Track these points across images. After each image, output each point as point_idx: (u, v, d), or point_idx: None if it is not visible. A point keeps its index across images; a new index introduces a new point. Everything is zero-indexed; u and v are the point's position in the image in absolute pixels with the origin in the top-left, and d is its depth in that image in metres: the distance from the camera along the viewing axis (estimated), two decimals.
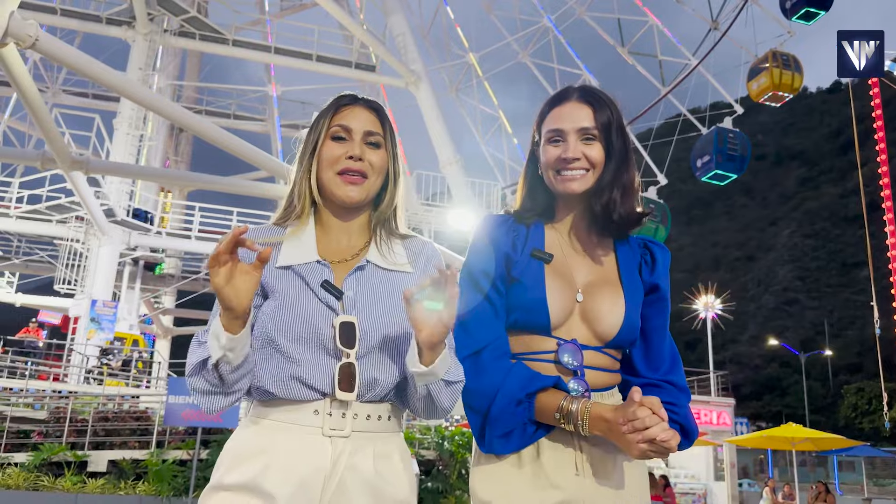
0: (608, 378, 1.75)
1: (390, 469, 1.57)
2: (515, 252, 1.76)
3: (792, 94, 21.86)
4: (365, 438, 1.56)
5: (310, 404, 1.54)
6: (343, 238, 1.70)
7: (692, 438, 1.75)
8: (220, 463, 1.56)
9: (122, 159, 21.19)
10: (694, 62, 24.62)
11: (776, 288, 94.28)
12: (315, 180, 1.67)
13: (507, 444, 1.66)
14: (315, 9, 30.30)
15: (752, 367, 76.48)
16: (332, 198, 1.66)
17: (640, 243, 1.87)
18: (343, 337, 1.53)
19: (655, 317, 1.82)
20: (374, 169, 1.66)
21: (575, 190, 1.74)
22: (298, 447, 1.51)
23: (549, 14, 27.74)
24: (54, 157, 13.61)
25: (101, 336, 19.72)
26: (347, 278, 1.62)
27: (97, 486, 10.65)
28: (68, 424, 12.03)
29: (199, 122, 13.47)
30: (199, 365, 1.48)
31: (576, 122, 1.74)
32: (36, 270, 24.71)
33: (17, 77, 10.77)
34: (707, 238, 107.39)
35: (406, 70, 23.02)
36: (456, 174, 22.20)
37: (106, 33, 23.17)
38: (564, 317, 1.71)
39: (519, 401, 1.63)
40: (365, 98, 1.74)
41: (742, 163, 21.95)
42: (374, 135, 1.67)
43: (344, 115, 1.68)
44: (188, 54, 30.16)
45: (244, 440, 1.56)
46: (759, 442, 20.66)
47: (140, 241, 21.59)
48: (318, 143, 1.67)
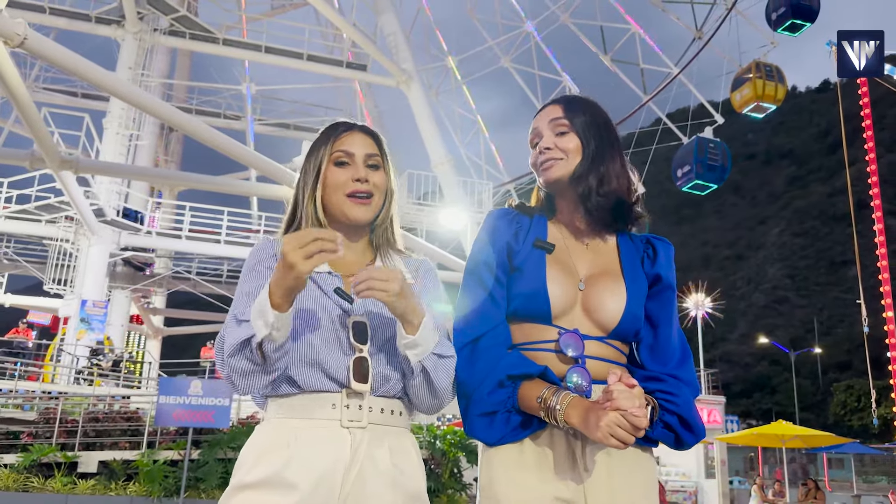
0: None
1: (407, 462, 1.67)
2: (517, 242, 1.80)
3: (775, 104, 21.98)
4: (381, 431, 1.65)
5: (327, 396, 1.63)
6: (348, 256, 1.77)
7: (696, 433, 1.73)
8: (242, 463, 1.63)
9: (112, 159, 21.08)
10: (675, 71, 24.71)
11: (766, 286, 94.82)
12: (320, 204, 1.77)
13: (490, 429, 1.68)
14: (298, 8, 30.42)
15: (742, 365, 76.93)
16: (343, 219, 1.77)
17: (642, 239, 1.91)
18: (356, 334, 1.65)
19: (661, 308, 1.83)
20: (378, 189, 1.79)
21: (550, 177, 1.82)
22: (319, 439, 1.59)
23: (530, 19, 27.76)
24: (43, 156, 13.55)
25: (91, 336, 19.62)
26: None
27: (88, 487, 10.60)
28: (58, 425, 11.95)
29: (188, 121, 13.43)
30: (242, 343, 1.53)
31: (548, 116, 1.85)
32: (25, 271, 24.55)
33: (4, 76, 10.71)
34: (697, 237, 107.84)
35: (397, 69, 23.00)
36: (448, 173, 22.21)
37: (95, 32, 23.03)
38: (566, 306, 1.73)
39: (501, 382, 1.65)
40: (361, 125, 1.86)
41: (723, 172, 22.03)
42: (374, 157, 1.80)
43: (344, 142, 1.79)
44: (178, 53, 30.05)
45: (264, 439, 1.64)
46: (749, 439, 20.81)
47: (130, 241, 21.47)
48: (321, 169, 1.77)
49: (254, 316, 1.52)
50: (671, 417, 1.70)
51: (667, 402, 1.69)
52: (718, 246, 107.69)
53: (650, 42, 25.35)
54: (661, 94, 25.09)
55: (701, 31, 24.63)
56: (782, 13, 20.36)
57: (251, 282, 1.70)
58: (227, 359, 1.56)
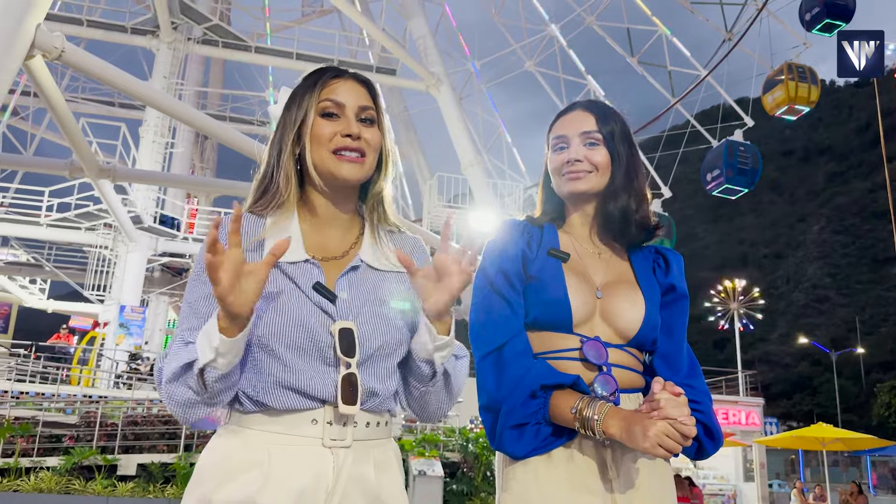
0: (634, 378, 1.74)
1: (390, 478, 1.49)
2: (531, 251, 1.78)
3: (809, 107, 21.35)
4: (365, 447, 1.45)
5: (307, 413, 1.41)
6: (333, 231, 1.55)
7: (718, 441, 1.72)
8: (204, 477, 1.40)
9: (149, 167, 21.50)
10: (703, 72, 24.29)
11: (806, 285, 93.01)
12: (308, 162, 1.49)
13: (520, 442, 1.63)
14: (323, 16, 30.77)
15: (782, 365, 75.52)
16: (331, 179, 1.50)
17: (651, 249, 1.89)
18: (343, 344, 1.40)
19: (676, 318, 1.82)
20: (371, 147, 1.52)
21: (578, 189, 1.78)
22: (298, 459, 1.38)
23: (555, 23, 27.56)
24: (82, 166, 13.83)
25: (130, 341, 20.03)
26: (340, 279, 1.48)
27: (127, 490, 10.83)
28: (98, 428, 12.23)
29: (219, 128, 13.60)
30: (183, 368, 1.32)
31: (579, 127, 1.80)
32: (67, 277, 25.17)
33: (45, 88, 10.97)
34: (734, 236, 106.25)
35: (426, 73, 23.06)
36: (477, 175, 22.20)
37: (131, 42, 23.52)
38: (586, 314, 1.72)
39: (533, 392, 1.61)
40: (354, 71, 1.60)
41: (753, 176, 21.44)
42: (368, 110, 1.54)
43: (333, 89, 1.53)
44: (212, 61, 30.57)
45: (233, 452, 1.40)
46: (788, 442, 20.41)
47: (167, 247, 21.89)
48: (305, 120, 1.50)
49: (201, 337, 1.31)
50: (698, 426, 1.66)
51: (694, 410, 1.65)
52: (756, 244, 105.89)
53: (678, 44, 24.99)
54: (689, 95, 24.70)
55: (731, 32, 24.19)
56: (817, 13, 19.86)
57: (195, 290, 1.45)
58: (165, 384, 1.35)
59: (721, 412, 23.00)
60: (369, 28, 23.56)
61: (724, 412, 23.06)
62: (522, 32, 28.59)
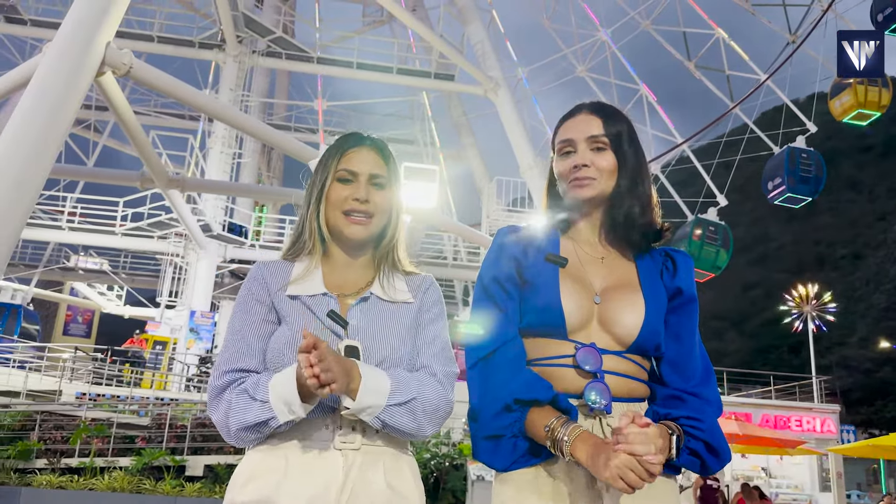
0: (633, 386, 1.69)
1: (402, 482, 1.63)
2: (526, 257, 1.76)
3: (880, 112, 20.07)
4: (375, 453, 1.62)
5: (320, 420, 1.61)
6: (349, 273, 1.78)
7: (722, 457, 1.65)
8: (234, 483, 1.62)
9: (217, 176, 22.19)
10: (763, 76, 23.38)
11: (887, 287, 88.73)
12: (323, 220, 1.75)
13: (495, 454, 1.63)
14: (379, 27, 31.33)
15: (862, 370, 72.25)
16: (340, 236, 1.76)
17: (661, 252, 1.84)
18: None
19: (683, 322, 1.77)
20: (380, 208, 1.75)
21: (583, 196, 1.76)
22: (311, 461, 1.58)
23: (605, 28, 27.08)
24: (152, 177, 14.34)
25: (200, 346, 20.68)
26: (352, 308, 1.71)
27: (194, 490, 11.15)
28: (168, 430, 12.65)
29: (281, 138, 13.91)
30: (259, 424, 1.55)
31: (585, 131, 1.77)
32: (141, 284, 26.20)
33: (115, 103, 11.44)
34: (810, 236, 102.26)
35: (484, 77, 23.11)
36: (536, 178, 22.08)
37: (199, 57, 24.36)
38: (581, 320, 1.68)
39: (508, 405, 1.60)
40: (370, 138, 1.83)
41: (817, 184, 20.34)
42: (379, 177, 1.76)
43: (350, 159, 1.76)
44: (277, 73, 31.38)
45: (258, 460, 1.61)
46: (866, 451, 19.47)
47: (235, 254, 22.52)
48: (326, 185, 1.76)
49: (277, 400, 1.53)
50: (697, 444, 1.63)
51: (693, 427, 1.62)
52: (834, 245, 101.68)
53: (736, 47, 24.14)
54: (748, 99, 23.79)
55: (795, 35, 23.21)
56: (889, 13, 18.82)
57: (240, 318, 1.70)
58: (238, 431, 1.57)
59: (794, 419, 22.21)
60: (429, 36, 23.75)
61: (798, 419, 22.25)
62: (573, 38, 28.24)
